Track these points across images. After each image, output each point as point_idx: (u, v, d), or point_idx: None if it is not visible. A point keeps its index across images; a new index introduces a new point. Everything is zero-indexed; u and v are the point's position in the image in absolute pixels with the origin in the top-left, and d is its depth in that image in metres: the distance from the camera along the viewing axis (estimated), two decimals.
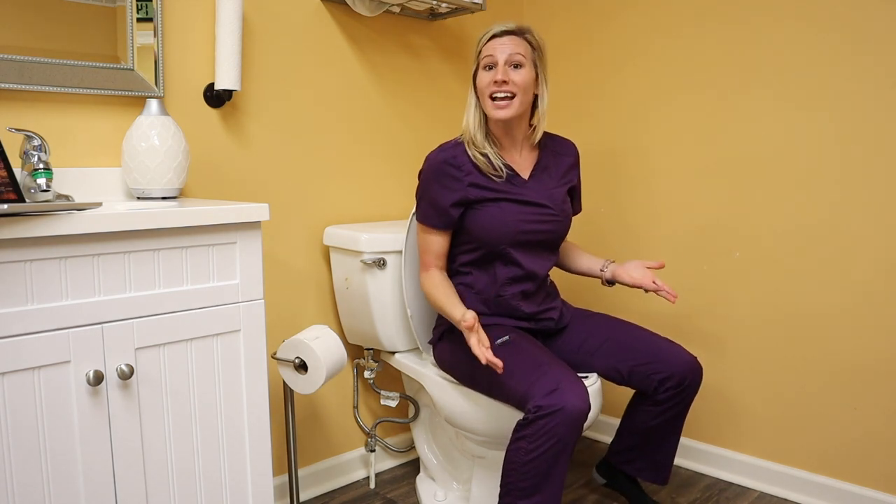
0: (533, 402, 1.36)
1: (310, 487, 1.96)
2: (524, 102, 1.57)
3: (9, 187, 1.09)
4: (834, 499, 1.85)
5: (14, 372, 1.07)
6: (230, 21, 1.60)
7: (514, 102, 1.55)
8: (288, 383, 1.67)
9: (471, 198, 1.59)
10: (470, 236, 1.63)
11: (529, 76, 1.57)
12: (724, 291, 2.02)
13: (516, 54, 1.55)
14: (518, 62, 1.56)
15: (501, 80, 1.54)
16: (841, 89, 1.76)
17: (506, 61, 1.55)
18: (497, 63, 1.55)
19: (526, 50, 1.57)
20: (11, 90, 1.39)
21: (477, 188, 1.59)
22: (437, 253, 1.64)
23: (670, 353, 1.60)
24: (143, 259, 1.20)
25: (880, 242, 1.74)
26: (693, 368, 1.60)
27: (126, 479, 1.20)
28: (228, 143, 1.74)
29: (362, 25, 1.99)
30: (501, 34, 1.57)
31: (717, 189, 2.01)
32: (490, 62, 1.57)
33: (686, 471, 2.12)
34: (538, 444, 1.35)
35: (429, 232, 1.64)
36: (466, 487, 1.83)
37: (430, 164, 1.61)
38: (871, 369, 1.78)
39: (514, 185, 1.62)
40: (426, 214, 1.62)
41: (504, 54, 1.55)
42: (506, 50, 1.55)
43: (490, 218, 1.59)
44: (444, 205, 1.59)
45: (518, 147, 1.66)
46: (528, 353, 1.48)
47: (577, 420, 1.34)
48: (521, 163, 1.66)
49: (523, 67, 1.56)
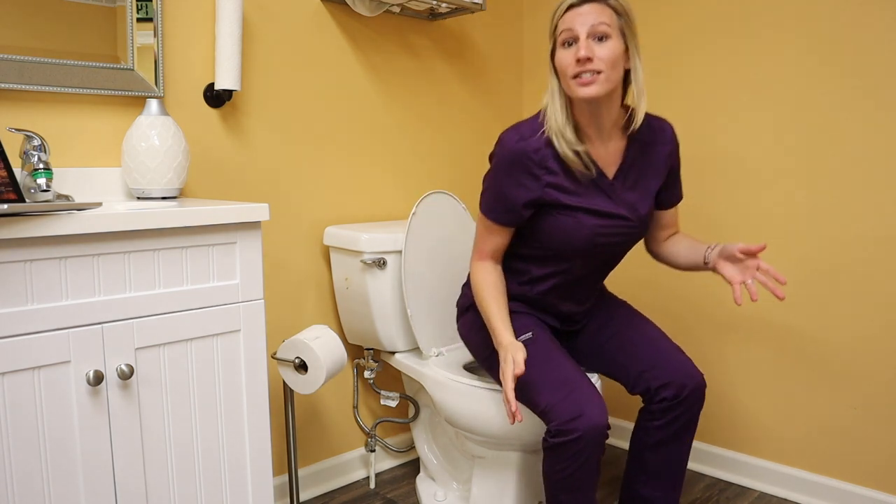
0: (554, 425, 1.34)
1: (310, 487, 1.96)
2: (613, 80, 1.33)
3: (9, 187, 1.09)
4: (834, 499, 1.85)
5: (14, 372, 1.07)
6: (230, 21, 1.60)
7: (600, 78, 1.31)
8: (288, 383, 1.67)
9: (547, 199, 1.41)
10: (534, 237, 1.47)
11: (618, 48, 1.32)
12: (725, 291, 2.02)
13: (600, 24, 1.31)
14: (603, 33, 1.31)
15: (585, 58, 1.30)
16: (841, 89, 1.77)
17: (588, 34, 1.31)
18: (578, 37, 1.31)
19: (611, 18, 1.32)
20: (11, 90, 1.39)
21: (556, 190, 1.40)
22: (495, 249, 1.49)
23: (673, 360, 1.48)
24: (143, 259, 1.20)
25: (881, 242, 1.74)
26: (694, 378, 1.46)
27: (126, 478, 1.20)
28: (228, 143, 1.74)
29: (362, 25, 1.99)
30: (580, 2, 1.33)
31: (717, 189, 2.01)
32: (569, 37, 1.33)
33: (686, 471, 2.12)
34: (566, 466, 1.35)
35: (491, 226, 1.47)
36: (466, 487, 1.83)
37: (507, 151, 1.40)
38: (871, 369, 1.78)
39: (597, 188, 1.43)
40: (492, 207, 1.45)
41: (585, 26, 1.31)
42: (587, 21, 1.31)
43: (562, 230, 1.43)
44: (516, 203, 1.41)
45: (605, 137, 1.42)
46: (554, 362, 1.41)
47: (598, 438, 1.33)
48: (608, 157, 1.44)
49: (610, 39, 1.32)
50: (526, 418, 1.53)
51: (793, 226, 1.87)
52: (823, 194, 1.82)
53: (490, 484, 1.68)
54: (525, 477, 1.66)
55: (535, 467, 1.68)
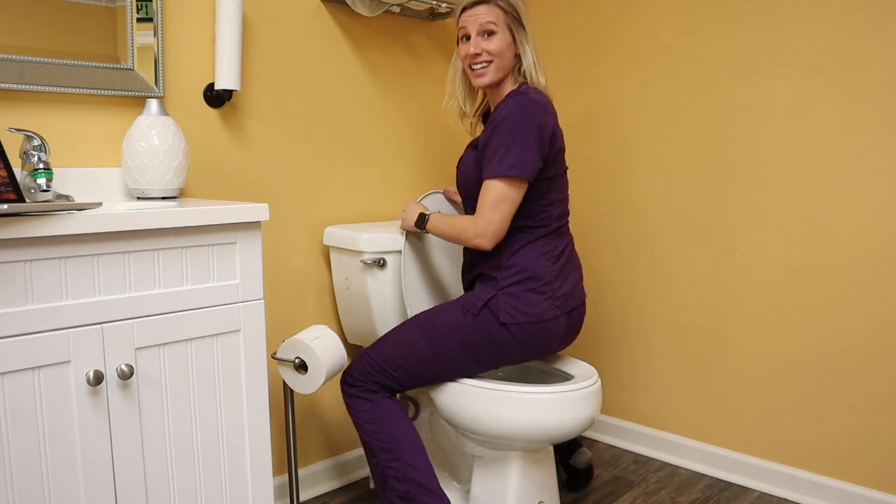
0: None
1: (310, 487, 1.96)
2: (502, 67, 1.59)
3: (9, 187, 1.09)
4: (834, 499, 1.85)
5: (14, 372, 1.07)
6: (230, 21, 1.60)
7: (490, 68, 1.58)
8: (288, 383, 1.67)
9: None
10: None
11: (503, 41, 1.57)
12: (724, 291, 2.02)
13: (487, 23, 1.57)
14: (490, 30, 1.57)
15: (474, 53, 1.58)
16: (840, 88, 1.77)
17: (478, 32, 1.58)
18: (470, 35, 1.59)
19: (497, 16, 1.57)
20: (11, 90, 1.39)
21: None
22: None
23: None
24: (143, 259, 1.20)
25: (881, 241, 1.74)
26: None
27: (126, 479, 1.20)
28: (228, 143, 1.74)
29: (362, 25, 1.99)
30: (471, 5, 1.60)
31: (717, 188, 2.01)
32: (464, 34, 1.61)
33: (686, 471, 2.12)
34: None
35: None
36: (466, 487, 1.83)
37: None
38: (871, 369, 1.78)
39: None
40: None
41: (475, 25, 1.58)
42: (476, 21, 1.58)
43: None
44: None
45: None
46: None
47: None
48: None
49: (496, 34, 1.57)
50: (526, 420, 1.53)
51: (793, 226, 1.87)
52: (826, 195, 1.82)
53: (490, 484, 1.68)
54: (525, 477, 1.66)
55: (535, 467, 1.68)
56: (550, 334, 1.56)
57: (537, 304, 1.53)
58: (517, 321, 1.52)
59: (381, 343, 1.64)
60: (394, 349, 1.61)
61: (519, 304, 1.53)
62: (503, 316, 1.52)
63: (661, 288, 2.16)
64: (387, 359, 1.60)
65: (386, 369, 1.60)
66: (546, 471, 1.71)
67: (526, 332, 1.53)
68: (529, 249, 1.56)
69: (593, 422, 1.62)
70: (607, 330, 2.32)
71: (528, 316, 1.52)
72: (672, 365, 2.16)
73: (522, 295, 1.53)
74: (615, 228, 2.26)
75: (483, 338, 1.54)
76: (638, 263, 2.21)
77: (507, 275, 1.55)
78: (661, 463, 2.18)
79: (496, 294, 1.54)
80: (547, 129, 1.52)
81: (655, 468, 2.14)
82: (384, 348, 1.62)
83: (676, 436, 2.17)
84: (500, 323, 1.52)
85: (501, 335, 1.53)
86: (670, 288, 2.14)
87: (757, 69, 1.90)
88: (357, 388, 1.63)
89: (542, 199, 1.57)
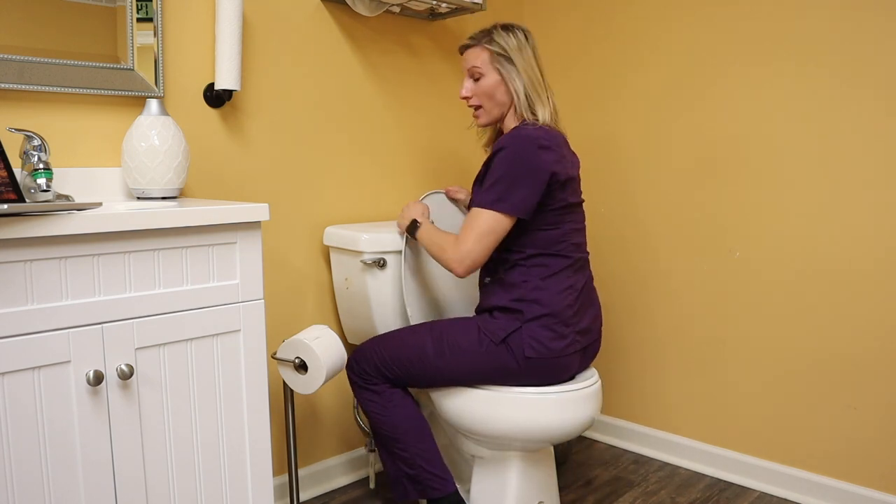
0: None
1: (310, 487, 1.96)
2: (495, 106, 1.64)
3: (9, 187, 1.09)
4: (834, 499, 1.85)
5: (14, 372, 1.07)
6: (230, 21, 1.60)
7: (482, 111, 1.66)
8: (288, 383, 1.67)
9: None
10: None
11: (490, 82, 1.62)
12: (725, 291, 2.02)
13: (474, 68, 1.63)
14: (478, 74, 1.63)
15: (464, 97, 1.67)
16: (843, 86, 1.77)
17: (468, 75, 1.66)
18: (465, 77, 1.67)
19: (484, 59, 1.62)
20: (11, 90, 1.39)
21: None
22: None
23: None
24: (143, 259, 1.20)
25: (882, 241, 1.74)
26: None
27: (126, 478, 1.20)
28: (228, 143, 1.74)
29: (362, 25, 1.99)
30: (462, 50, 1.67)
31: (717, 188, 2.01)
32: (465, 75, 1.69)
33: (686, 471, 2.12)
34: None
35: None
36: (466, 487, 1.83)
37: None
38: (870, 369, 1.78)
39: None
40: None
41: (466, 69, 1.66)
42: (466, 65, 1.65)
43: None
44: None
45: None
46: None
47: None
48: None
49: (483, 77, 1.63)
50: (526, 421, 1.53)
51: (793, 226, 1.87)
52: (825, 195, 1.82)
53: (490, 484, 1.68)
54: (525, 477, 1.66)
55: (534, 467, 1.68)
56: (565, 370, 1.57)
57: (559, 339, 1.54)
58: (540, 355, 1.53)
59: (391, 341, 1.65)
60: (403, 352, 1.62)
61: (542, 339, 1.53)
62: (527, 350, 1.52)
63: (661, 288, 2.16)
64: (395, 358, 1.63)
65: (392, 366, 1.63)
66: (546, 471, 1.71)
67: (544, 367, 1.54)
68: (552, 283, 1.56)
69: (593, 422, 1.62)
70: (607, 330, 2.32)
71: (550, 351, 1.53)
72: (672, 365, 2.16)
73: (546, 330, 1.53)
74: (614, 227, 2.26)
75: (497, 367, 1.55)
76: (638, 263, 2.21)
77: (532, 308, 1.54)
78: (661, 463, 2.18)
79: (521, 327, 1.54)
80: (541, 164, 1.51)
81: (655, 468, 2.14)
82: (393, 347, 1.64)
83: (676, 436, 2.17)
84: (524, 356, 1.53)
85: (518, 368, 1.54)
86: (670, 288, 2.14)
87: (757, 68, 1.90)
88: (364, 380, 1.67)
89: (557, 226, 1.57)
